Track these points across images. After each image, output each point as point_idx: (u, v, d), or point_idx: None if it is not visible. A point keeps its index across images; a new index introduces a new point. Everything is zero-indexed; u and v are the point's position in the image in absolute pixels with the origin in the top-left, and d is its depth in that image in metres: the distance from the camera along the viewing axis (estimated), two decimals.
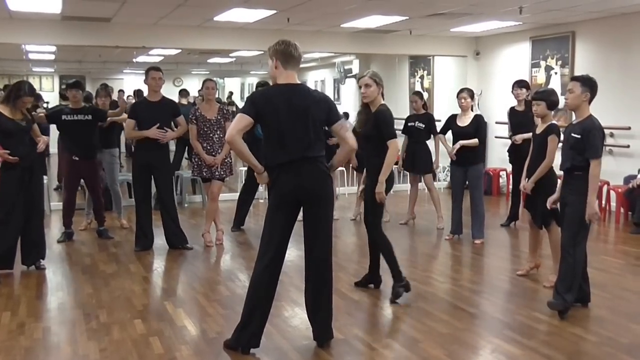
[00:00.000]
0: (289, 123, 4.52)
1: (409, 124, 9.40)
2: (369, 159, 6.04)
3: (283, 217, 4.66)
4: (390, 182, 5.96)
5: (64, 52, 16.15)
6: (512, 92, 8.92)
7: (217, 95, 9.06)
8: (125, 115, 8.34)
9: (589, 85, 5.44)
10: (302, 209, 4.71)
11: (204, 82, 8.42)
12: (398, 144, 6.02)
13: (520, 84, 8.85)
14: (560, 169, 5.65)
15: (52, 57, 17.63)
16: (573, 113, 5.71)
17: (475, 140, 8.19)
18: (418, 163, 9.29)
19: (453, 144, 8.34)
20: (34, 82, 20.89)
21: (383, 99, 6.00)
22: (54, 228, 9.25)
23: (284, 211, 4.65)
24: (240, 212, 9.24)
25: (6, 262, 6.92)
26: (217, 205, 8.32)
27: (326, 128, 4.77)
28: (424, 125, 9.21)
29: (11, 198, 6.74)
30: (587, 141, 5.34)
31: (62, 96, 9.98)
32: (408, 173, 9.77)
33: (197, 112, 8.06)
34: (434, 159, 9.36)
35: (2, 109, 6.69)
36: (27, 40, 11.96)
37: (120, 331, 5.24)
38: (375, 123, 5.86)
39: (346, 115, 12.05)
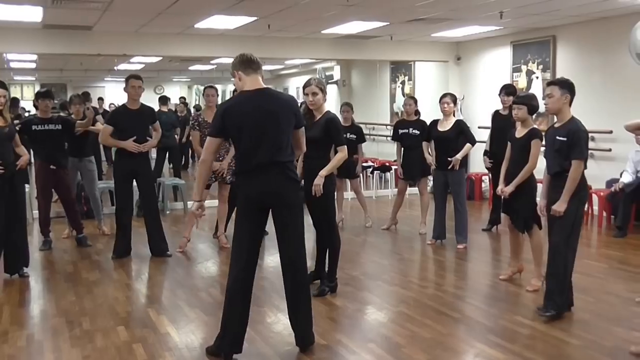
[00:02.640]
0: (259, 128, 4.54)
1: (402, 131, 9.29)
2: (314, 162, 6.15)
3: (250, 224, 4.68)
4: (333, 184, 6.22)
5: (45, 61, 16.08)
6: (499, 96, 8.91)
7: (201, 102, 9.07)
8: (99, 125, 8.29)
9: (567, 87, 5.49)
10: (271, 214, 4.75)
11: (204, 89, 8.52)
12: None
13: (507, 91, 8.77)
14: (548, 173, 5.66)
15: (34, 65, 17.54)
16: (555, 117, 5.73)
17: (468, 146, 8.26)
18: (415, 169, 9.20)
19: (435, 148, 8.37)
20: (15, 91, 20.91)
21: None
22: (35, 236, 9.17)
23: (251, 217, 4.67)
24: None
25: None
26: (227, 206, 8.41)
27: None
28: (418, 132, 9.12)
29: None
30: (572, 142, 5.38)
31: (35, 106, 9.93)
32: (401, 180, 9.67)
33: (200, 118, 8.10)
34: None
35: None
36: (8, 49, 11.90)
37: (104, 338, 5.24)
38: (325, 129, 6.05)
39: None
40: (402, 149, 9.40)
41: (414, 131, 9.17)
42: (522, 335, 5.22)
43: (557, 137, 5.48)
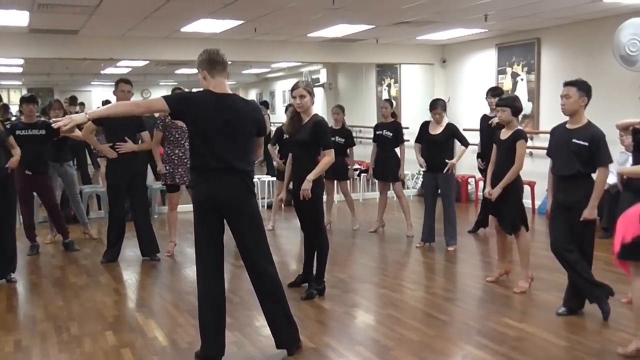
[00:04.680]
0: (219, 131, 4.47)
1: (377, 132, 9.46)
2: (302, 165, 6.18)
3: (206, 229, 4.61)
4: (321, 187, 6.24)
5: (31, 65, 16.03)
6: (486, 99, 8.95)
7: None
8: (78, 132, 8.29)
9: (586, 89, 5.44)
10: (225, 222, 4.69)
11: (172, 91, 8.43)
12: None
13: (494, 93, 8.83)
14: (556, 174, 5.62)
15: (20, 70, 17.48)
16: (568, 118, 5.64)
17: (463, 149, 8.33)
18: (387, 171, 9.31)
19: (425, 151, 8.37)
20: (2, 95, 20.71)
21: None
22: (23, 241, 9.13)
23: (205, 223, 4.60)
24: None
25: None
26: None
27: None
28: (391, 134, 9.25)
29: None
30: (599, 149, 5.34)
31: (19, 110, 9.94)
32: (377, 181, 9.78)
33: (167, 120, 8.03)
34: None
35: None
36: None
37: (92, 343, 5.24)
38: (313, 131, 6.05)
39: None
40: (377, 150, 9.48)
41: (387, 133, 9.29)
42: (509, 337, 5.24)
43: (575, 141, 5.40)
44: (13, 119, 15.38)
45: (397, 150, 9.36)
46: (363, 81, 16.38)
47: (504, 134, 6.44)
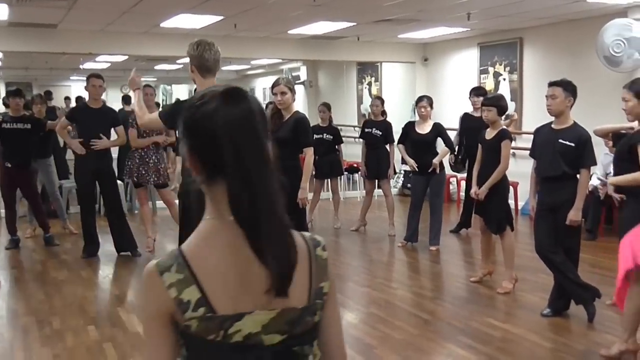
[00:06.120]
0: None
1: (366, 130, 9.34)
2: (284, 163, 6.04)
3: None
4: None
5: (10, 59, 15.83)
6: (469, 99, 8.94)
7: (160, 101, 8.99)
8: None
9: (571, 90, 5.41)
10: None
11: (143, 87, 8.36)
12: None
13: (477, 92, 8.83)
14: (540, 175, 5.59)
15: None
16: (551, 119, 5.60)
17: (446, 150, 8.30)
18: (376, 169, 9.21)
19: (412, 151, 8.27)
20: None
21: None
22: (2, 236, 9.11)
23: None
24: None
25: None
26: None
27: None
28: (380, 133, 9.14)
29: None
30: (585, 150, 5.32)
31: (4, 104, 9.95)
32: (364, 180, 9.71)
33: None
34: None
35: None
36: None
37: (74, 338, 5.24)
38: (294, 128, 5.97)
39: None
40: (366, 148, 9.40)
41: (376, 131, 9.18)
42: (494, 337, 5.22)
43: (561, 141, 5.37)
44: None
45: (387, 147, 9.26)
46: (344, 79, 16.32)
47: (489, 134, 6.41)
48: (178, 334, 1.47)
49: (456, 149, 8.89)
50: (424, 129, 8.19)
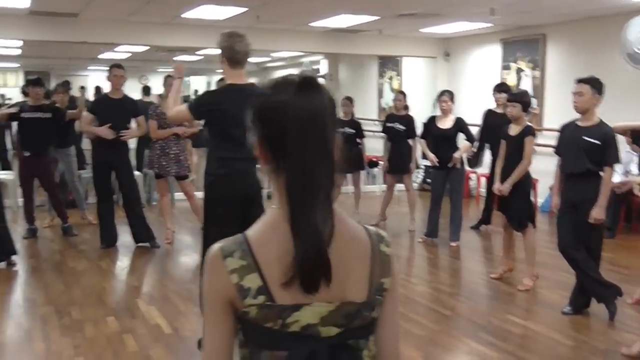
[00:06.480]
0: (236, 123, 4.42)
1: (388, 125, 9.28)
2: None
3: (223, 225, 4.46)
4: None
5: (29, 48, 15.88)
6: (492, 95, 8.87)
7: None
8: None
9: (599, 87, 5.36)
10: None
11: (165, 78, 8.55)
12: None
13: (500, 89, 8.78)
14: (565, 172, 5.54)
15: (19, 52, 17.35)
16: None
17: (468, 144, 8.24)
18: (398, 163, 9.14)
19: (433, 146, 8.22)
20: None
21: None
22: (21, 225, 9.11)
23: (224, 218, 4.50)
24: None
25: None
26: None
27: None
28: (403, 127, 9.08)
29: None
30: (609, 148, 5.28)
31: (24, 93, 10.03)
32: (385, 174, 9.64)
33: (158, 110, 8.11)
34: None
35: None
36: None
37: (94, 328, 5.24)
38: None
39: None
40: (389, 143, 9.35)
41: (399, 126, 9.11)
42: (514, 334, 5.20)
43: (586, 138, 5.32)
44: (7, 102, 15.33)
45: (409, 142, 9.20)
46: (364, 73, 16.29)
47: (513, 130, 6.37)
48: (236, 318, 1.49)
49: (475, 145, 8.83)
50: (446, 123, 8.14)
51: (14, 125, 9.58)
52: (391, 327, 1.64)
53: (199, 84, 25.44)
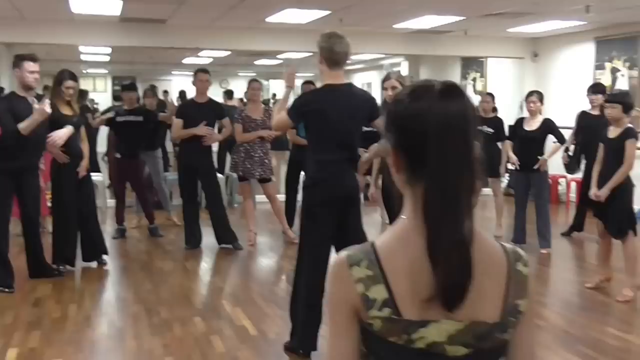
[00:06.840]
0: (335, 125, 4.45)
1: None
2: None
3: (323, 225, 4.53)
4: None
5: (117, 54, 16.31)
6: (587, 96, 8.53)
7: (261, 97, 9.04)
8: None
9: None
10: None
11: (249, 82, 8.61)
12: None
13: (595, 89, 8.44)
14: None
15: (107, 58, 17.83)
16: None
17: (557, 146, 7.96)
18: (487, 168, 8.80)
19: (517, 148, 7.98)
20: (87, 84, 21.22)
21: None
22: (109, 225, 9.35)
23: (324, 219, 4.52)
24: (288, 212, 8.97)
25: (69, 260, 6.97)
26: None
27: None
28: (492, 130, 8.78)
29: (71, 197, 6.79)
30: None
31: (116, 97, 10.44)
32: None
33: (243, 114, 8.18)
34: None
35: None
36: (87, 42, 12.19)
37: (182, 328, 5.30)
38: None
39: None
40: None
41: (487, 129, 8.78)
42: (614, 347, 4.95)
43: None
44: (95, 107, 15.73)
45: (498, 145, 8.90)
46: (447, 74, 15.98)
47: (613, 132, 6.05)
48: (360, 328, 1.43)
49: (571, 148, 8.50)
50: (532, 125, 7.86)
51: (103, 129, 9.88)
52: (525, 352, 1.53)
53: (277, 88, 25.54)
